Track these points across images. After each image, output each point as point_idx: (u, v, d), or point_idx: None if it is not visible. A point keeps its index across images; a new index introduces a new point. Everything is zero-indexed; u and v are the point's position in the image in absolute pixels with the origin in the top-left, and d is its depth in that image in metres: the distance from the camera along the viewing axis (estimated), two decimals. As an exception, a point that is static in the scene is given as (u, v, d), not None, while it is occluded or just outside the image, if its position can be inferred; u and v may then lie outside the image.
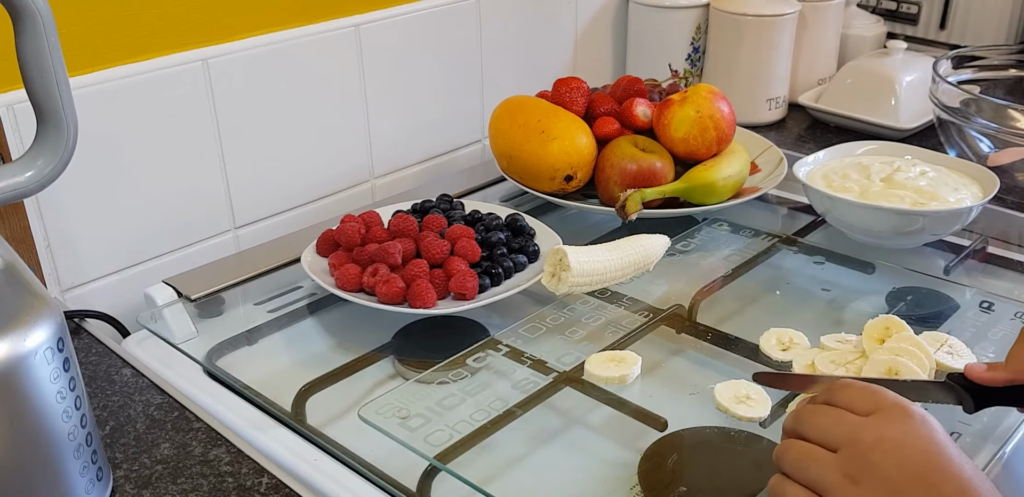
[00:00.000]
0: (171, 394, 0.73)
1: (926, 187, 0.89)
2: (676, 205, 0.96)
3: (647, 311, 0.82)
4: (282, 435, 0.69)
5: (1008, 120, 1.06)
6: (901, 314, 0.79)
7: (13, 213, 0.79)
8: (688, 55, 1.27)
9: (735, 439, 0.67)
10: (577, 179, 0.95)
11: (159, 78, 0.85)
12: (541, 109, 0.97)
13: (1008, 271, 0.93)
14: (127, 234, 0.88)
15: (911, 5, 1.40)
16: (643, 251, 0.84)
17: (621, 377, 0.71)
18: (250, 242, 0.97)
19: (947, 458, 0.48)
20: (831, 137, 1.21)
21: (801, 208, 1.03)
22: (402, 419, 0.67)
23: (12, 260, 0.56)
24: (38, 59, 0.55)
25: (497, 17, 1.12)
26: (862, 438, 0.49)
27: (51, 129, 0.57)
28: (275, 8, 0.92)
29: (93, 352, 0.79)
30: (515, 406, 0.69)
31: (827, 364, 0.70)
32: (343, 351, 0.80)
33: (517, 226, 0.88)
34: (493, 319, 0.83)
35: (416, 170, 1.12)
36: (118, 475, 0.65)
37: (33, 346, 0.54)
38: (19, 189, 0.56)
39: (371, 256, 0.81)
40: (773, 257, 0.92)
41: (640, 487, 0.63)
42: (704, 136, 0.95)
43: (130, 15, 0.83)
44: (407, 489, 0.64)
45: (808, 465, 0.51)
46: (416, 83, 1.07)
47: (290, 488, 0.63)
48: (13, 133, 0.78)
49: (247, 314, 0.85)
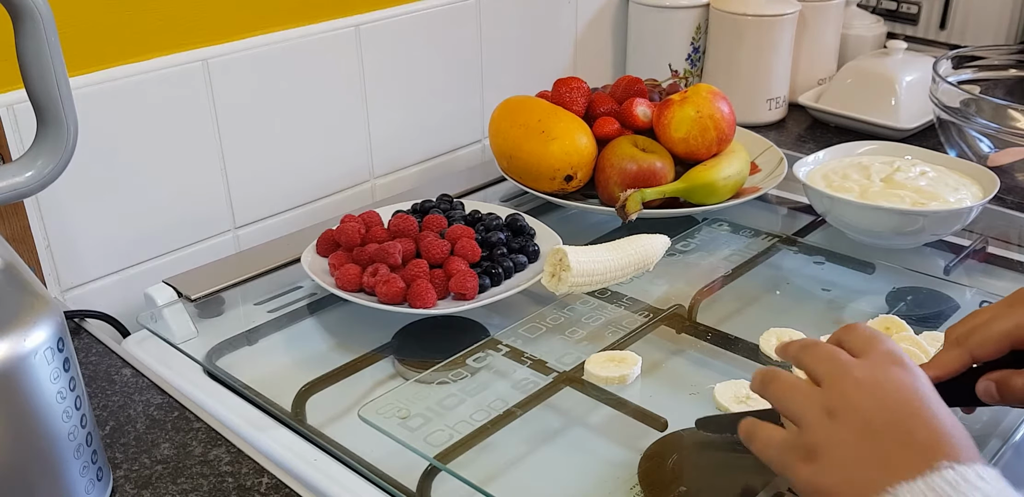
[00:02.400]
0: (171, 394, 0.73)
1: (926, 187, 0.89)
2: (676, 205, 0.96)
3: (647, 311, 0.82)
4: (282, 435, 0.69)
5: (1008, 120, 1.06)
6: (901, 314, 0.79)
7: (13, 213, 0.79)
8: (688, 55, 1.27)
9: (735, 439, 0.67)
10: (577, 179, 0.95)
11: (159, 78, 0.85)
12: (541, 109, 0.97)
13: (1008, 271, 0.93)
14: (127, 234, 0.88)
15: (911, 5, 1.40)
16: (643, 251, 0.84)
17: (621, 377, 0.71)
18: (250, 242, 0.97)
19: (926, 407, 0.48)
20: (831, 137, 1.21)
21: (801, 208, 1.03)
22: (402, 419, 0.67)
23: (12, 260, 0.56)
24: (38, 59, 0.55)
25: (497, 17, 1.12)
26: (847, 375, 0.51)
27: (51, 129, 0.57)
28: (275, 8, 0.92)
29: (93, 352, 0.79)
30: (515, 406, 0.69)
31: (827, 364, 0.70)
32: (343, 351, 0.80)
33: (517, 226, 0.88)
34: (493, 319, 0.83)
35: (416, 170, 1.12)
36: (118, 475, 0.65)
37: (33, 346, 0.54)
38: (19, 189, 0.56)
39: (371, 256, 0.81)
40: (773, 257, 0.92)
41: (640, 487, 0.63)
42: (704, 136, 0.95)
43: (130, 15, 0.83)
44: (407, 489, 0.64)
45: (792, 396, 0.52)
46: (416, 83, 1.07)
47: (290, 488, 0.63)
48: (13, 133, 0.78)
49: (247, 314, 0.85)
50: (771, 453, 0.52)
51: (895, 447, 0.47)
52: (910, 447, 0.46)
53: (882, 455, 0.47)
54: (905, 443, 0.47)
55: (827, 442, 0.49)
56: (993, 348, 0.57)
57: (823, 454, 0.48)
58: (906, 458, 0.46)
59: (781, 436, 0.52)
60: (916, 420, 0.48)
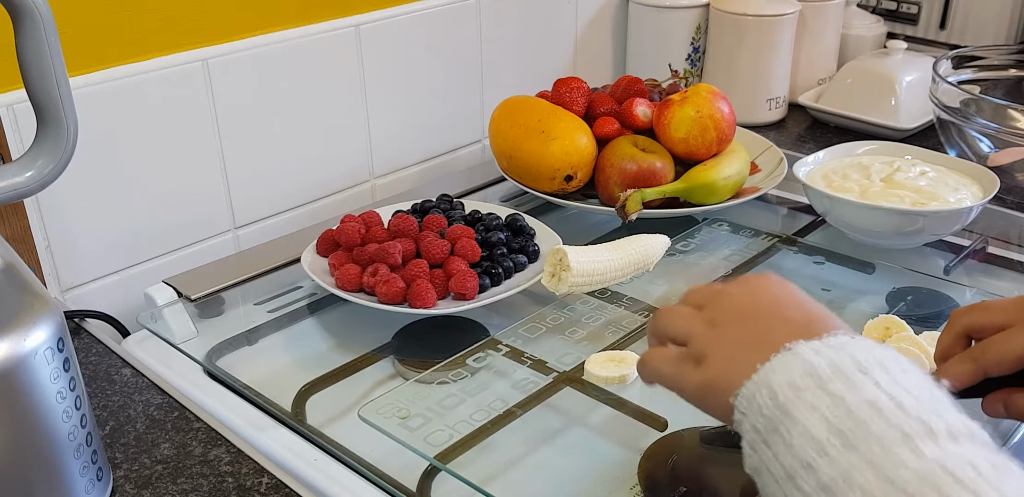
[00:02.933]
0: (171, 394, 0.73)
1: (926, 187, 0.89)
2: (676, 205, 0.96)
3: (647, 311, 0.82)
4: (282, 435, 0.69)
5: (1008, 120, 1.06)
6: (901, 314, 0.79)
7: (13, 213, 0.79)
8: (688, 55, 1.27)
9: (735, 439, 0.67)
10: (577, 179, 0.95)
11: (159, 78, 0.85)
12: (541, 109, 0.97)
13: (1008, 271, 0.93)
14: (127, 234, 0.88)
15: (911, 5, 1.40)
16: (643, 251, 0.84)
17: (621, 377, 0.71)
18: (250, 242, 0.97)
19: (796, 296, 0.50)
20: (831, 137, 1.21)
21: (801, 208, 1.03)
22: (402, 419, 0.67)
23: (12, 260, 0.56)
24: (38, 59, 0.55)
25: (497, 17, 1.12)
26: (723, 293, 0.52)
27: (51, 129, 0.57)
28: (275, 8, 0.92)
29: (93, 352, 0.79)
30: (515, 406, 0.69)
31: (827, 364, 0.70)
32: (343, 351, 0.80)
33: (517, 226, 0.88)
34: (493, 319, 0.83)
35: (416, 170, 1.12)
36: (118, 475, 0.65)
37: (33, 346, 0.54)
38: (19, 189, 0.56)
39: (371, 256, 0.81)
40: (773, 257, 0.92)
41: (640, 487, 0.63)
42: (704, 136, 0.95)
43: (130, 15, 0.83)
44: (407, 489, 0.64)
45: (674, 320, 0.53)
46: (416, 83, 1.07)
47: (290, 488, 0.63)
48: (13, 133, 0.78)
49: (247, 314, 0.85)
50: (664, 369, 0.52)
51: (775, 326, 0.48)
52: (788, 325, 0.47)
53: (761, 335, 0.47)
54: (783, 322, 0.48)
55: (712, 343, 0.49)
56: (1009, 368, 0.56)
57: (709, 354, 0.49)
58: (785, 335, 0.46)
59: (672, 353, 0.52)
60: (788, 307, 0.49)
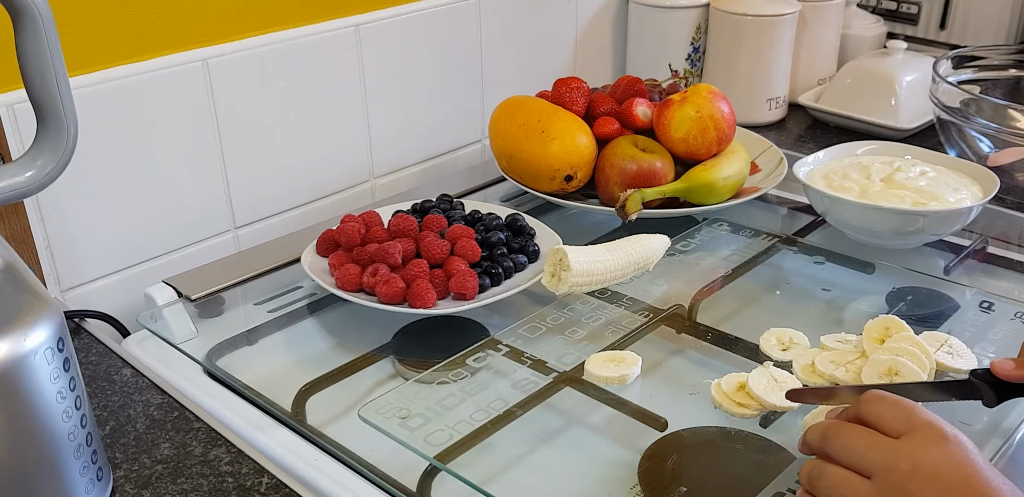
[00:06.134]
0: (171, 394, 0.73)
1: (926, 187, 0.89)
2: (676, 205, 0.96)
3: (647, 311, 0.82)
4: (282, 435, 0.69)
5: (1008, 120, 1.06)
6: (901, 314, 0.79)
7: (13, 213, 0.79)
8: (688, 55, 1.27)
9: (735, 439, 0.67)
10: (577, 179, 0.95)
11: (159, 78, 0.85)
12: (541, 109, 0.97)
13: (1008, 271, 0.93)
14: (127, 234, 0.88)
15: (911, 5, 1.40)
16: (643, 251, 0.84)
17: (621, 377, 0.71)
18: (250, 242, 0.97)
19: (986, 482, 0.47)
20: (831, 137, 1.21)
21: (801, 208, 1.03)
22: (402, 419, 0.67)
23: (12, 260, 0.56)
24: (38, 59, 0.55)
25: (497, 17, 1.12)
26: (898, 466, 0.48)
27: (51, 129, 0.57)
28: (275, 8, 0.92)
29: (93, 352, 0.79)
30: (515, 406, 0.69)
31: (827, 364, 0.70)
32: (343, 351, 0.80)
33: (517, 226, 0.88)
34: (493, 319, 0.83)
35: (416, 170, 1.12)
36: (118, 475, 0.65)
37: (33, 346, 0.54)
38: (19, 189, 0.56)
39: (371, 256, 0.81)
40: (773, 257, 0.92)
41: (640, 487, 0.63)
42: (704, 136, 0.95)
43: (130, 15, 0.83)
44: (407, 489, 0.64)
45: (844, 494, 0.49)
46: (416, 83, 1.07)
47: (290, 488, 0.63)
48: (13, 133, 0.78)
49: (247, 314, 0.85)
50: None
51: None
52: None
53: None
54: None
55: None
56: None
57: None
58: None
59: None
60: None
